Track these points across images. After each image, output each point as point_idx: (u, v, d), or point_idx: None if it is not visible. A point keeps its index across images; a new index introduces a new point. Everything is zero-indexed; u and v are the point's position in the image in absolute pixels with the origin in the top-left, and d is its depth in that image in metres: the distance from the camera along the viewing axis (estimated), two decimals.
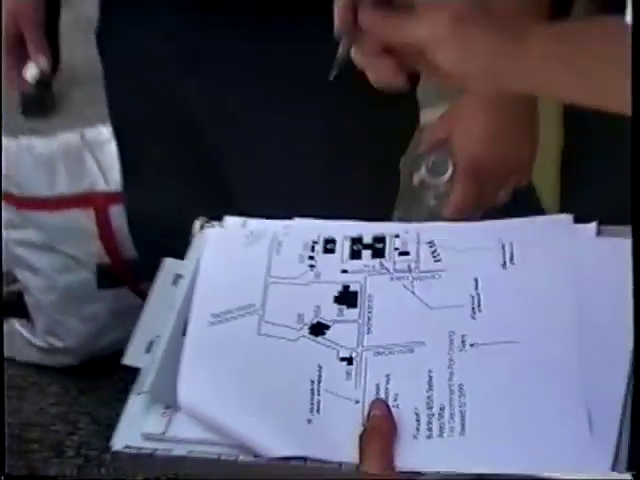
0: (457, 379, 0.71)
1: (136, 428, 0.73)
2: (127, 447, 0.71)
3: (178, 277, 0.85)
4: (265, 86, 1.27)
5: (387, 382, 0.73)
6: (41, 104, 3.26)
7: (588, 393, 0.70)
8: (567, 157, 1.39)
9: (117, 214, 1.91)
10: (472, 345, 0.73)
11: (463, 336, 0.74)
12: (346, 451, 0.69)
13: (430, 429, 0.70)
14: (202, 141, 1.36)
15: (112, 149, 1.86)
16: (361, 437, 0.69)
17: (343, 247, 0.82)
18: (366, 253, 0.82)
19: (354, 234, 0.83)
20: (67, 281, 2.03)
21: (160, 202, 1.44)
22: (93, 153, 2.01)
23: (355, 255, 0.82)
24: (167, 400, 0.73)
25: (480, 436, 0.69)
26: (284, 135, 1.18)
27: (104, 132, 2.00)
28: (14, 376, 2.10)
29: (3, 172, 1.93)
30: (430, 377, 0.72)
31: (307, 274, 0.81)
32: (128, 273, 1.97)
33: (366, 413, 0.71)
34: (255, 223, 0.86)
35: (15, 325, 2.14)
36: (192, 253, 0.85)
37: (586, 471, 0.65)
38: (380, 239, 0.83)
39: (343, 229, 0.83)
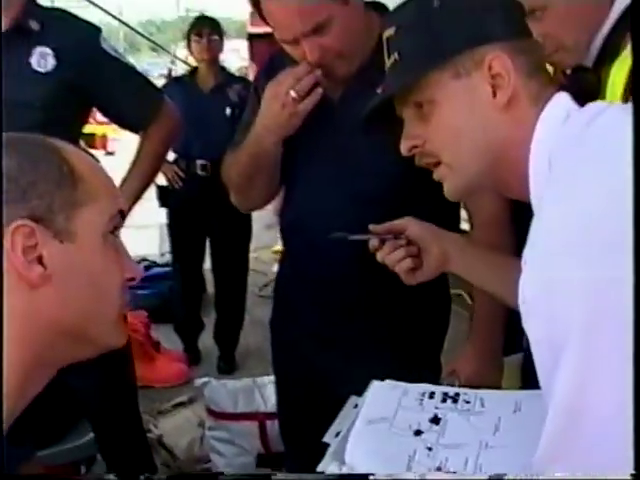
0: (479, 462, 1.18)
1: (325, 470, 1.23)
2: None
3: (356, 405, 1.40)
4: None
5: (446, 460, 1.20)
6: (228, 368, 4.40)
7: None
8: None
9: (270, 425, 2.85)
10: (492, 447, 1.22)
11: (487, 442, 1.22)
12: None
13: None
14: (330, 386, 1.81)
15: (270, 389, 2.96)
16: None
17: (438, 396, 1.38)
18: (449, 400, 1.36)
19: (444, 391, 1.39)
20: (239, 462, 2.89)
21: (300, 420, 1.99)
22: (260, 390, 2.99)
23: (443, 400, 1.36)
24: (341, 459, 1.23)
25: None
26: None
27: (265, 379, 3.01)
28: None
29: (207, 396, 2.95)
30: (466, 459, 1.19)
31: (417, 407, 1.35)
32: (274, 460, 2.84)
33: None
34: (395, 382, 1.42)
35: None
36: (366, 393, 1.41)
37: None
38: (457, 394, 1.38)
39: (439, 388, 1.41)
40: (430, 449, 1.23)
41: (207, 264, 4.61)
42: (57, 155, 0.94)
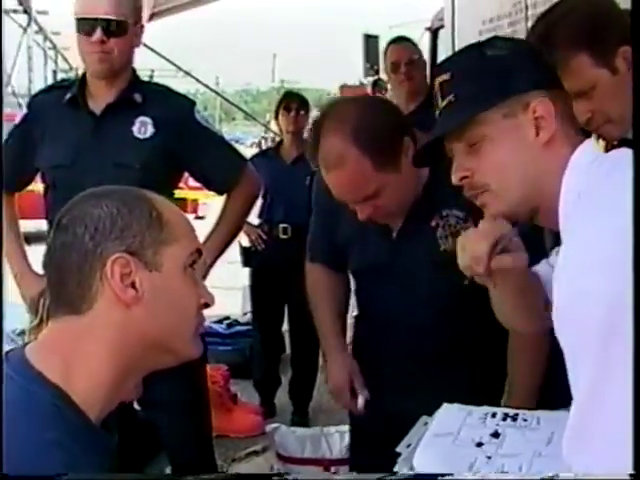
0: (533, 469, 1.37)
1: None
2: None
3: (425, 423, 1.62)
4: None
5: (503, 467, 1.38)
6: (301, 422, 4.52)
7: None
8: None
9: (334, 471, 3.05)
10: (543, 456, 1.40)
11: (540, 452, 1.42)
12: None
13: None
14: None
15: (336, 438, 3.18)
16: None
17: (499, 415, 1.58)
18: (509, 419, 1.56)
19: (505, 412, 1.59)
20: None
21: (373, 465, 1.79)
22: (326, 438, 3.18)
23: (504, 419, 1.56)
24: (410, 464, 1.45)
25: None
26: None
27: (332, 429, 3.21)
28: None
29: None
30: (521, 466, 1.39)
31: (480, 424, 1.54)
32: None
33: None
34: (462, 405, 1.63)
35: None
36: (436, 413, 1.63)
37: None
38: (516, 414, 1.57)
39: (500, 410, 1.62)
40: (489, 457, 1.42)
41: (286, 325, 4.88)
42: (148, 203, 1.18)
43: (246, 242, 4.67)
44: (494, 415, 1.58)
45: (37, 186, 2.71)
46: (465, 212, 1.81)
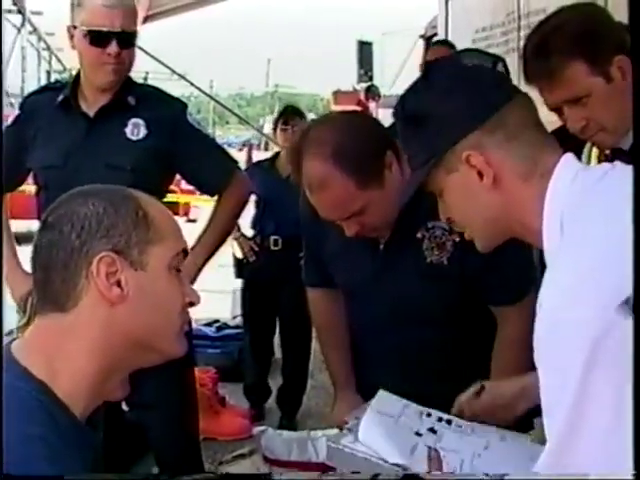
0: (473, 465, 1.48)
1: (341, 440, 1.63)
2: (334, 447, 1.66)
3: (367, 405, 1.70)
4: None
5: (444, 457, 1.48)
6: (289, 427, 4.52)
7: None
8: None
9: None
10: (483, 458, 1.50)
11: (479, 454, 1.52)
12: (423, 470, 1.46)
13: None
14: None
15: (322, 442, 3.17)
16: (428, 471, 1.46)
17: (434, 417, 1.64)
18: (443, 422, 1.63)
19: (440, 415, 1.65)
20: None
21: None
22: (312, 442, 3.20)
23: (439, 421, 1.63)
24: (356, 436, 1.57)
25: None
26: None
27: (319, 433, 3.15)
28: None
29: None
30: (462, 461, 1.49)
31: (417, 419, 1.63)
32: None
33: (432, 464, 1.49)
34: (400, 397, 1.70)
35: None
36: (376, 397, 1.72)
37: None
38: (450, 420, 1.64)
39: (435, 412, 1.66)
40: (429, 448, 1.51)
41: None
42: (134, 202, 1.19)
43: (240, 254, 4.71)
44: (429, 415, 1.63)
45: (28, 187, 2.73)
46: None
